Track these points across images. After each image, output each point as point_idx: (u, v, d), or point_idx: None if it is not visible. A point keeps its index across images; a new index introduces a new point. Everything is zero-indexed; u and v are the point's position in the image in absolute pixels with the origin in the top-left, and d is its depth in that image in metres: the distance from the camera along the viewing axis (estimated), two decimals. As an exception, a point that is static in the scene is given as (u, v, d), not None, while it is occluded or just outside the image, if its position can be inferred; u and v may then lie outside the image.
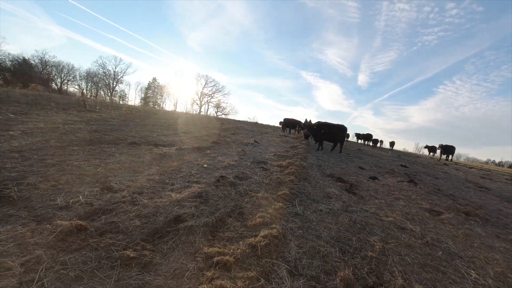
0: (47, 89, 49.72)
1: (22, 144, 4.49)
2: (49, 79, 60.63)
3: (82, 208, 2.56)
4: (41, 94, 14.19)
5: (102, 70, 64.59)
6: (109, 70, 65.67)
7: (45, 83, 57.87)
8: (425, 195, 5.70)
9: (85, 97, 18.20)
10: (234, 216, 3.00)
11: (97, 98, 46.01)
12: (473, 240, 3.40)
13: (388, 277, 2.25)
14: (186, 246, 2.24)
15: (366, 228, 3.26)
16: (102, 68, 64.20)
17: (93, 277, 1.70)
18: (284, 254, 2.35)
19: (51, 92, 32.53)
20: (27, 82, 46.00)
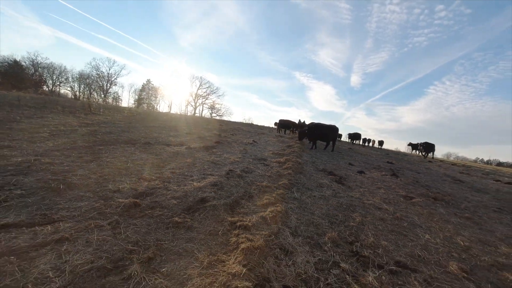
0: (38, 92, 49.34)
1: (56, 144, 5.16)
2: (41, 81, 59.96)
3: (130, 192, 3.30)
4: (49, 98, 14.63)
5: (96, 72, 64.22)
6: (103, 72, 65.35)
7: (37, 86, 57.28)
8: (403, 185, 6.61)
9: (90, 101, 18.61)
10: (246, 198, 3.79)
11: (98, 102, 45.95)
12: (434, 216, 4.29)
13: (363, 237, 3.08)
14: (214, 217, 3.01)
15: (350, 208, 4.10)
16: (96, 70, 63.84)
17: (157, 232, 2.46)
18: (286, 223, 3.15)
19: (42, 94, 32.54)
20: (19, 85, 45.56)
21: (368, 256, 2.61)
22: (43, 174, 3.42)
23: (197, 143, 7.95)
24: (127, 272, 1.82)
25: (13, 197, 2.66)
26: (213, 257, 2.18)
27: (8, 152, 4.14)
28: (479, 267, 2.74)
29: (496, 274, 2.64)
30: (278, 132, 20.76)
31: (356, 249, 2.74)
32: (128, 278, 1.77)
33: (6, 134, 5.39)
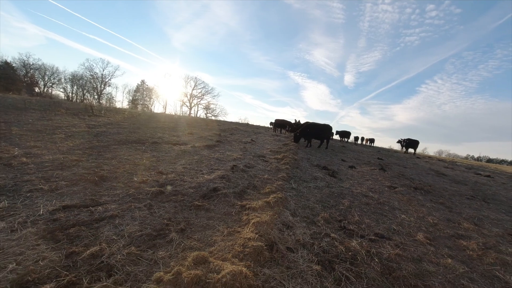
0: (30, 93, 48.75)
1: (75, 144, 5.66)
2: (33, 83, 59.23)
3: (153, 183, 3.87)
4: (53, 101, 14.91)
5: (89, 73, 63.67)
6: (97, 73, 64.82)
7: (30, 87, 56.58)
8: (389, 178, 7.32)
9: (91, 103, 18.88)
10: (251, 188, 4.39)
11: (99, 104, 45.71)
12: (412, 202, 4.98)
13: (350, 217, 3.72)
14: (226, 202, 3.61)
15: (341, 196, 4.75)
16: (89, 71, 63.29)
17: (183, 212, 3.05)
18: (286, 206, 3.77)
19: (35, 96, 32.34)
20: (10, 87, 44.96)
21: (353, 230, 3.25)
22: (76, 169, 3.96)
23: (200, 142, 8.51)
24: (168, 237, 2.41)
25: (61, 187, 3.20)
26: (230, 229, 2.78)
27: (38, 151, 4.64)
28: (441, 237, 3.42)
29: (454, 242, 3.32)
30: (274, 132, 21.41)
31: (343, 225, 3.38)
32: (170, 241, 2.36)
33: (28, 135, 5.86)
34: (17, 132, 5.93)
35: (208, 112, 71.25)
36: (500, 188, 8.67)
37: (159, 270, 1.91)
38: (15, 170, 3.56)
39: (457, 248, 3.14)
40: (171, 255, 2.14)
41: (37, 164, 3.91)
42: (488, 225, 4.23)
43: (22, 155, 4.25)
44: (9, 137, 5.42)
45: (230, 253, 2.25)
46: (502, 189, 8.51)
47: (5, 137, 5.37)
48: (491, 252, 3.07)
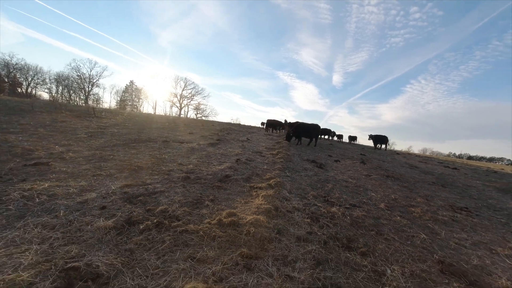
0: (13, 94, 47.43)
1: (100, 142, 6.54)
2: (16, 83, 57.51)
3: (179, 171, 4.88)
4: (58, 103, 15.32)
5: (76, 74, 62.37)
6: (84, 74, 63.58)
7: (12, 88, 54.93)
8: (368, 169, 8.62)
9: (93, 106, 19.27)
10: (254, 175, 5.48)
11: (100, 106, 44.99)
12: (382, 185, 6.24)
13: (332, 194, 4.89)
14: (238, 184, 4.68)
15: (326, 181, 5.92)
16: (76, 72, 62.01)
17: (208, 190, 4.09)
18: (284, 187, 4.88)
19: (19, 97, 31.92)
20: (-7, 87, 43.51)
21: (333, 201, 4.41)
22: (115, 162, 4.90)
23: (203, 141, 9.50)
24: (205, 204, 3.46)
25: (113, 173, 4.17)
26: (246, 199, 3.87)
27: (75, 148, 5.53)
28: (397, 206, 4.65)
29: (405, 209, 4.56)
30: (266, 131, 22.57)
31: (327, 199, 4.54)
32: (207, 206, 3.41)
33: (55, 135, 6.67)
34: (45, 133, 6.72)
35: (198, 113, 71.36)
36: (461, 177, 10.21)
37: (206, 219, 2.96)
38: (69, 162, 4.47)
39: (407, 212, 4.38)
40: (211, 212, 3.20)
41: (84, 158, 4.83)
42: (436, 200, 5.54)
43: (65, 151, 5.14)
44: (42, 137, 6.23)
45: (250, 211, 3.33)
46: (462, 178, 10.05)
47: (39, 137, 6.17)
48: (429, 214, 4.33)
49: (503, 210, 5.53)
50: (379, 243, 3.00)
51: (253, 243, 2.53)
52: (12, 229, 2.21)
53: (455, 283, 2.38)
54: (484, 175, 12.06)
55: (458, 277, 2.48)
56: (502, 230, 4.11)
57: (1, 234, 2.12)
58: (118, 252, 2.11)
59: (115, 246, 2.20)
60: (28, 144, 5.21)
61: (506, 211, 5.46)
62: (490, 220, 4.63)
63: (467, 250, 3.17)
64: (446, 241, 3.35)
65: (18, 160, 4.18)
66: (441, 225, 3.94)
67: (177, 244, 2.37)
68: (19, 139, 5.59)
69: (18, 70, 57.00)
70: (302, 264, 2.34)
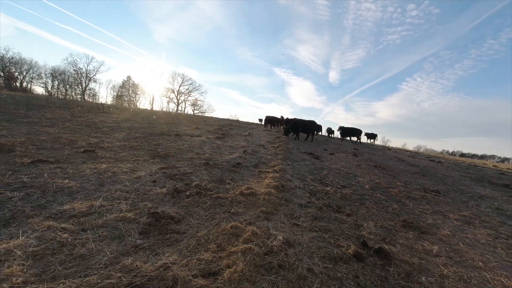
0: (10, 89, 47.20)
1: (123, 135, 7.40)
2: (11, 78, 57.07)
3: (199, 159, 5.80)
4: (69, 100, 15.92)
5: (73, 68, 61.96)
6: (81, 68, 63.17)
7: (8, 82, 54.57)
8: (358, 160, 9.66)
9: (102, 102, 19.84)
10: (261, 163, 6.43)
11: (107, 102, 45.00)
12: (369, 173, 7.27)
13: (326, 178, 5.88)
14: (248, 169, 5.63)
15: (321, 169, 6.92)
16: (73, 66, 61.60)
17: (226, 173, 5.04)
18: (287, 172, 5.86)
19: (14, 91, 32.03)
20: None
21: (327, 183, 5.41)
22: (144, 151, 5.80)
23: (210, 135, 10.40)
24: (226, 182, 4.40)
25: (147, 159, 5.08)
26: (257, 180, 4.82)
27: (105, 140, 6.39)
28: (379, 187, 5.68)
29: (386, 189, 5.58)
30: (265, 127, 23.50)
31: (322, 181, 5.53)
32: (228, 183, 4.36)
33: (82, 129, 7.50)
34: (73, 127, 7.55)
35: (196, 109, 71.58)
36: (442, 169, 11.35)
37: (231, 191, 3.91)
38: (109, 151, 5.36)
39: (386, 192, 5.40)
40: (233, 187, 4.15)
41: (118, 147, 5.72)
42: (413, 185, 6.59)
43: (99, 142, 6.01)
44: (73, 130, 7.07)
45: (262, 187, 4.29)
46: (443, 170, 11.19)
47: (71, 130, 7.01)
48: (404, 193, 5.36)
49: (468, 193, 6.62)
50: (361, 209, 4.01)
51: (268, 205, 3.50)
52: (101, 192, 3.13)
53: (411, 232, 3.40)
54: (464, 168, 13.26)
55: (414, 229, 3.49)
56: (460, 205, 5.17)
57: (96, 194, 3.04)
58: (178, 207, 3.05)
59: (173, 204, 3.14)
60: (67, 136, 6.06)
61: (470, 193, 6.55)
62: (454, 199, 5.69)
63: (426, 215, 4.21)
64: (412, 210, 4.38)
65: (69, 148, 5.05)
66: (411, 200, 4.98)
67: (215, 204, 3.32)
68: (57, 132, 6.42)
69: (13, 64, 56.48)
70: (304, 218, 3.32)
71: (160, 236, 2.38)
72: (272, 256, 2.27)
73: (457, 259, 2.79)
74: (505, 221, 4.47)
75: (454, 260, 2.75)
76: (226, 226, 2.70)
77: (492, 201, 6.02)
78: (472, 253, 2.96)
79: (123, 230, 2.36)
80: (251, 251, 2.25)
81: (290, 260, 2.26)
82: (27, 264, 1.73)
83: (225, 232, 2.58)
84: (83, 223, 2.34)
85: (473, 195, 6.46)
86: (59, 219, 2.36)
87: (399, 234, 3.28)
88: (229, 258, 2.12)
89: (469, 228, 3.85)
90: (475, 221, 4.22)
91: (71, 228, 2.22)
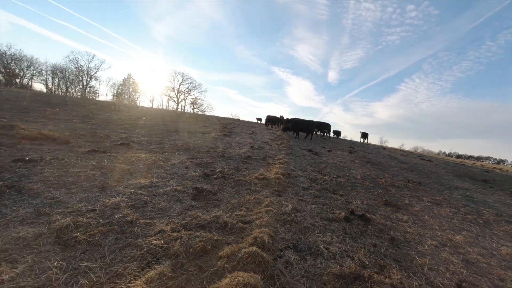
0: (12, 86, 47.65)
1: (145, 131, 8.31)
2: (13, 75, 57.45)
3: (215, 152, 6.74)
4: (86, 99, 16.76)
5: (75, 66, 62.37)
6: (82, 66, 63.56)
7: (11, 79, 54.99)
8: (353, 157, 10.66)
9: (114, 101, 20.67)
10: (268, 157, 7.39)
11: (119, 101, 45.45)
12: (362, 167, 8.26)
13: (324, 170, 6.86)
14: (258, 161, 6.58)
15: (320, 163, 7.90)
16: (75, 64, 62.01)
17: (240, 164, 5.99)
18: (290, 164, 6.82)
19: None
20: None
21: (325, 173, 6.38)
22: (168, 145, 6.73)
23: (218, 132, 11.34)
24: (242, 170, 5.36)
25: (173, 151, 6.01)
26: (267, 169, 5.78)
27: (132, 135, 7.30)
28: (369, 178, 6.67)
29: (374, 179, 6.57)
30: (266, 126, 24.46)
31: (321, 172, 6.51)
32: (243, 171, 5.31)
33: (109, 125, 8.40)
34: (98, 123, 8.46)
35: (195, 107, 72.19)
36: (430, 166, 12.39)
37: (248, 176, 4.85)
38: (139, 144, 6.28)
39: (374, 181, 6.39)
40: (249, 173, 5.10)
41: (146, 141, 6.64)
42: (399, 177, 7.59)
43: (128, 137, 6.93)
44: (100, 126, 7.98)
45: (272, 174, 5.25)
46: (431, 167, 12.23)
47: (99, 126, 7.92)
48: (389, 182, 6.36)
49: (447, 185, 7.64)
50: (352, 192, 4.99)
51: (279, 186, 4.46)
52: (151, 173, 4.07)
53: (389, 208, 4.38)
54: (452, 166, 14.33)
55: (392, 206, 4.48)
56: (435, 193, 6.18)
57: (149, 174, 3.97)
58: (211, 185, 4.00)
59: (207, 183, 4.09)
60: (100, 131, 6.97)
61: (448, 185, 7.57)
62: (432, 188, 6.70)
63: (404, 198, 5.20)
64: (394, 194, 5.38)
65: (108, 141, 5.97)
66: (395, 188, 5.97)
67: (238, 184, 4.28)
68: (89, 127, 7.33)
69: (13, 61, 56.83)
70: (307, 196, 4.29)
71: (206, 201, 3.33)
72: (286, 215, 3.23)
73: (420, 224, 3.77)
74: (469, 204, 5.48)
75: (417, 224, 3.74)
76: (250, 197, 3.66)
77: (465, 191, 7.04)
78: (432, 221, 3.95)
79: (180, 197, 3.31)
80: (271, 211, 3.21)
81: (298, 218, 3.22)
82: (132, 211, 2.67)
83: (250, 201, 3.54)
84: (152, 192, 3.29)
85: (451, 186, 7.48)
86: (134, 188, 3.30)
87: (380, 209, 4.26)
88: (256, 214, 3.08)
89: (437, 207, 4.84)
90: (443, 203, 5.22)
91: (146, 194, 3.17)
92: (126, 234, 2.25)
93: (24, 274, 1.61)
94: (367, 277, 2.13)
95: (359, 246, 2.73)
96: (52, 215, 2.33)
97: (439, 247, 3.04)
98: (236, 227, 2.71)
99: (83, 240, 2.04)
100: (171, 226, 2.46)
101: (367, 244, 2.82)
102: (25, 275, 1.60)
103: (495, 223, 4.36)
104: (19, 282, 1.53)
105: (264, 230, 2.61)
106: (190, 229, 2.51)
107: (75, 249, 1.95)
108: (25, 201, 2.56)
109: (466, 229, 3.82)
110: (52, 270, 1.67)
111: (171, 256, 2.02)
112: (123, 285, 1.63)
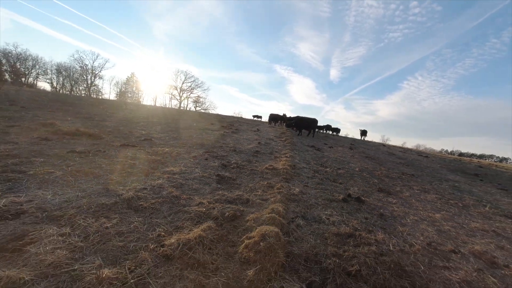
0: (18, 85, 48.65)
1: (160, 129, 9.04)
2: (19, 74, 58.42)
3: (227, 147, 7.46)
4: (98, 99, 17.52)
5: (79, 65, 63.17)
6: (87, 65, 64.34)
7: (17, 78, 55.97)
8: (353, 153, 11.34)
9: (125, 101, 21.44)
10: (274, 152, 8.10)
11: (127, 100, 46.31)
12: (361, 161, 8.95)
13: (326, 163, 7.56)
14: (266, 155, 7.29)
15: (322, 157, 8.59)
16: (79, 63, 62.80)
17: (251, 157, 6.70)
18: (295, 158, 7.52)
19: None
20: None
21: (327, 166, 7.08)
22: (184, 140, 7.45)
23: (225, 130, 12.05)
24: (253, 161, 6.07)
25: (192, 146, 6.73)
26: (274, 161, 6.49)
27: (151, 131, 8.03)
28: (366, 170, 7.36)
29: (371, 171, 7.26)
30: (270, 124, 25.15)
31: (323, 165, 7.20)
32: (254, 163, 6.02)
33: (128, 124, 9.14)
34: (118, 121, 9.19)
35: (198, 106, 72.78)
36: (426, 162, 13.04)
37: (259, 167, 5.56)
38: (159, 139, 7.00)
39: (371, 173, 7.08)
40: (260, 165, 5.81)
41: (164, 137, 7.37)
42: (394, 170, 8.27)
43: (148, 133, 7.65)
44: (121, 123, 8.70)
45: (280, 165, 5.96)
46: (427, 163, 12.87)
47: (119, 123, 8.65)
48: (385, 174, 7.04)
49: (438, 177, 8.31)
50: (350, 181, 5.69)
51: (287, 175, 5.17)
52: (179, 163, 4.78)
53: (382, 193, 5.07)
54: (447, 162, 14.96)
55: (384, 192, 5.17)
56: (425, 183, 6.86)
57: (176, 164, 4.70)
58: (230, 173, 4.71)
59: (226, 171, 4.80)
60: (123, 128, 7.71)
61: (439, 178, 8.25)
62: (423, 179, 7.39)
63: (396, 186, 5.90)
64: (387, 183, 6.07)
65: (132, 137, 6.70)
66: (389, 178, 6.67)
67: (251, 173, 4.99)
68: (112, 125, 8.07)
69: (19, 60, 57.78)
70: (311, 184, 4.99)
71: (228, 185, 4.05)
72: (294, 196, 3.94)
73: (406, 205, 4.47)
74: (454, 193, 6.16)
75: (404, 206, 4.44)
76: (263, 183, 4.38)
77: (454, 183, 7.72)
78: (418, 204, 4.65)
79: (206, 181, 4.03)
80: (282, 192, 3.93)
81: (304, 198, 3.94)
82: (174, 189, 3.39)
83: (264, 185, 4.25)
84: (184, 177, 4.01)
85: (442, 178, 8.15)
86: (170, 174, 4.02)
87: (373, 194, 4.96)
88: (270, 194, 3.80)
89: (424, 194, 5.53)
90: (431, 191, 5.91)
91: (180, 178, 3.89)
92: (176, 204, 2.97)
93: (118, 224, 2.33)
94: (358, 235, 2.84)
95: (353, 218, 3.44)
96: (118, 190, 3.06)
97: (419, 221, 3.74)
98: (256, 202, 3.43)
99: (147, 207, 2.77)
100: (207, 200, 3.18)
101: (360, 217, 3.53)
102: (119, 224, 2.33)
103: (473, 207, 5.05)
104: (118, 228, 2.26)
105: (279, 204, 3.32)
106: (221, 202, 3.23)
107: (144, 212, 2.67)
108: (92, 181, 3.29)
109: (445, 210, 4.52)
110: (135, 223, 2.40)
111: (212, 218, 2.74)
112: (186, 232, 2.35)
